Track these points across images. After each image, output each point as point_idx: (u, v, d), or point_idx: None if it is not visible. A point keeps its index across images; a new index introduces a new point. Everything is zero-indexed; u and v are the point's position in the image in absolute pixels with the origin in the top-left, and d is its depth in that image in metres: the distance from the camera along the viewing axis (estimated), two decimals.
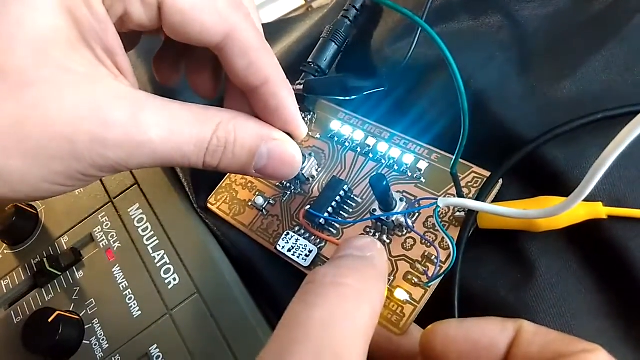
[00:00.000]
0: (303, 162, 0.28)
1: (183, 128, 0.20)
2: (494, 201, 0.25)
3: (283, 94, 0.23)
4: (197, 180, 0.32)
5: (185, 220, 0.31)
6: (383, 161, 0.28)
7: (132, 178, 0.34)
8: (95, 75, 0.19)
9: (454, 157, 0.22)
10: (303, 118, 0.31)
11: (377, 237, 0.26)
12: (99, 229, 0.33)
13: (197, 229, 0.31)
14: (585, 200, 0.20)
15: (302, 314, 0.16)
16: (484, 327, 0.18)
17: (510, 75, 0.28)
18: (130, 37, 0.23)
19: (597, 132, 0.24)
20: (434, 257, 0.25)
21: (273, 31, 0.40)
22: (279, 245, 0.28)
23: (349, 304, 0.17)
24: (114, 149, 0.19)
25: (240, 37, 0.21)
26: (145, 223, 0.32)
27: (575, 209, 0.22)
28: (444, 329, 0.19)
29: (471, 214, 0.25)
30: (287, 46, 0.36)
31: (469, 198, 0.25)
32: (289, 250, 0.28)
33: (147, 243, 0.31)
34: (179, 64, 0.27)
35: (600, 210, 0.23)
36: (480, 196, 0.25)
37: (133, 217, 0.32)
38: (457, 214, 0.25)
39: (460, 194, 0.25)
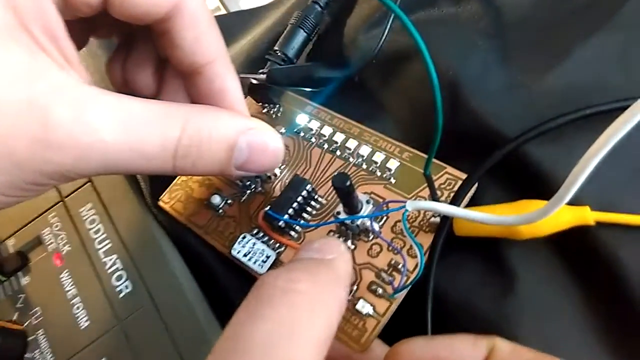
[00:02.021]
0: None
1: (143, 126, 0.18)
2: (469, 205, 0.23)
3: (229, 76, 0.21)
4: (155, 178, 0.30)
5: (140, 222, 0.29)
6: (351, 159, 0.26)
7: None
8: (36, 65, 0.17)
9: (427, 157, 0.20)
10: (268, 111, 0.29)
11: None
12: (48, 230, 0.30)
13: (153, 232, 0.29)
14: (571, 204, 0.19)
15: (246, 326, 0.15)
16: (453, 345, 0.17)
17: (492, 66, 0.26)
18: (78, 32, 0.22)
19: (587, 129, 0.22)
20: (401, 265, 0.23)
21: (246, 19, 0.38)
22: (234, 250, 0.26)
23: (300, 313, 0.15)
24: (59, 153, 0.17)
25: (189, 6, 0.20)
26: (97, 224, 0.30)
27: (559, 215, 0.21)
28: (409, 348, 0.17)
29: (445, 219, 0.23)
30: (258, 34, 0.34)
31: (442, 201, 0.23)
32: (245, 256, 0.25)
33: (98, 247, 0.29)
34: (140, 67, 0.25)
35: (587, 216, 0.21)
36: (455, 200, 0.23)
37: (85, 217, 0.30)
38: (433, 219, 0.23)
39: (435, 197, 0.23)
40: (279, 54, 0.30)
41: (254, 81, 0.28)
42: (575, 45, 0.25)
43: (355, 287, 0.23)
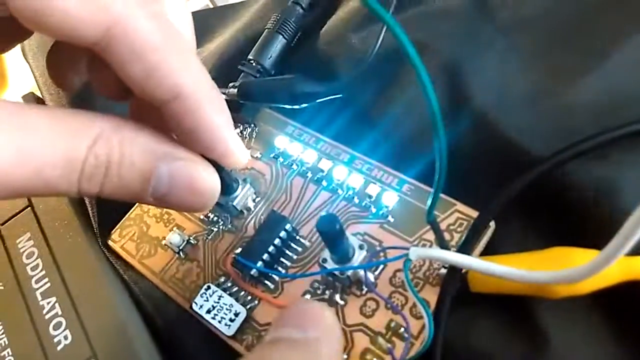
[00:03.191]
0: (235, 190, 0.22)
1: (44, 145, 0.15)
2: (487, 251, 0.19)
3: (204, 110, 0.17)
4: (106, 207, 0.26)
5: (86, 258, 0.25)
6: (340, 191, 0.23)
7: (25, 199, 0.27)
8: None
9: (432, 197, 0.15)
10: (241, 132, 0.26)
11: (327, 295, 0.20)
12: None
13: (101, 272, 0.24)
14: None
15: None
16: None
17: (513, 69, 0.23)
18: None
19: (638, 149, 0.19)
20: (403, 329, 0.18)
21: (226, 15, 0.34)
22: (195, 304, 0.21)
23: None
24: None
25: (128, 32, 0.15)
26: (35, 259, 0.25)
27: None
28: None
29: (455, 271, 0.18)
30: (230, 35, 0.30)
31: (452, 248, 0.19)
32: (209, 312, 0.21)
33: (35, 286, 0.24)
34: (77, 62, 0.21)
35: None
36: (467, 244, 0.18)
37: (22, 250, 0.26)
38: (442, 270, 0.19)
39: (443, 245, 0.18)
40: (253, 64, 0.26)
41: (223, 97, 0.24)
42: (616, 42, 0.21)
43: (345, 356, 0.19)
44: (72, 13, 0.14)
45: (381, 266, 0.20)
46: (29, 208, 0.27)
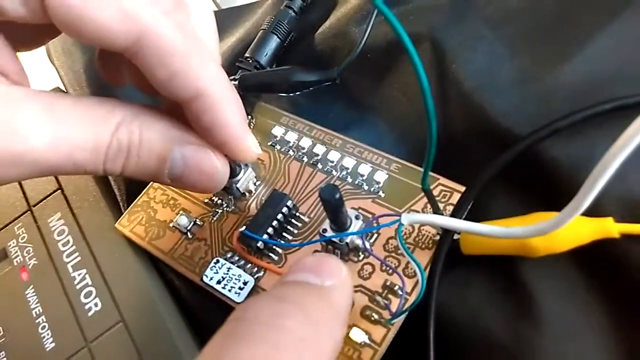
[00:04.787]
0: (237, 174, 0.24)
1: (74, 131, 0.17)
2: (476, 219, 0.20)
3: (220, 108, 0.18)
4: (132, 188, 0.28)
5: (113, 234, 0.27)
6: (334, 172, 0.24)
7: (55, 182, 0.29)
8: None
9: (423, 169, 0.17)
10: None
11: None
12: (14, 242, 0.28)
13: (126, 246, 0.26)
14: (592, 214, 0.18)
15: None
16: None
17: (500, 58, 0.23)
18: (30, 32, 0.19)
19: (609, 126, 0.20)
20: (397, 287, 0.20)
21: (235, 16, 0.35)
22: (206, 277, 0.23)
23: (285, 356, 0.13)
24: None
25: (156, 41, 0.17)
26: (66, 236, 0.27)
27: (579, 227, 0.19)
28: None
29: (447, 234, 0.20)
30: (242, 34, 0.32)
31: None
32: (219, 282, 0.23)
33: (66, 260, 0.26)
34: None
35: (611, 228, 0.18)
36: (457, 212, 0.20)
37: (53, 228, 0.28)
38: (437, 237, 0.21)
39: (437, 210, 0.20)
40: (250, 61, 0.28)
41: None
42: (593, 31, 0.22)
43: None
44: (105, 24, 0.16)
45: (375, 234, 0.21)
46: (59, 190, 0.29)
